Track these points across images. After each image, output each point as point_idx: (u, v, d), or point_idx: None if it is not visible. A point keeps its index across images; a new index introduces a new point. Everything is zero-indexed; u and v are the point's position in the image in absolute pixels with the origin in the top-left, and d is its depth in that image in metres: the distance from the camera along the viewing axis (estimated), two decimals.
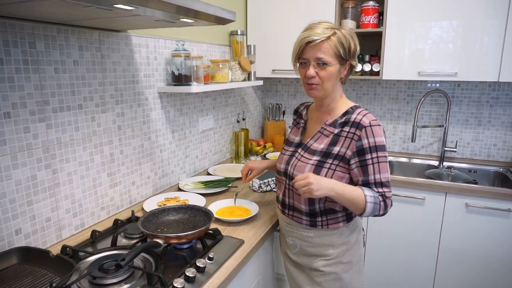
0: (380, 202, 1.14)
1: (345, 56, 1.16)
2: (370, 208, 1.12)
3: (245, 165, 1.54)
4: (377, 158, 1.13)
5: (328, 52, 1.14)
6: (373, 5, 2.17)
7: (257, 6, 2.38)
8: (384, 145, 1.14)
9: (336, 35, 1.14)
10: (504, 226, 1.86)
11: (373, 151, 1.13)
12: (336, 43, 1.13)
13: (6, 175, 1.07)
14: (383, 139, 1.14)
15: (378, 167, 1.13)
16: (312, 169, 1.18)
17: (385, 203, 1.15)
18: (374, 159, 1.13)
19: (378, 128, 1.14)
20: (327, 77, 1.16)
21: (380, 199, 1.14)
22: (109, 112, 1.41)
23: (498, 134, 2.31)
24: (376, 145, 1.12)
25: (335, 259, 1.25)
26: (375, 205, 1.13)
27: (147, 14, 0.99)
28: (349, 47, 1.16)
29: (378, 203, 1.13)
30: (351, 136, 1.15)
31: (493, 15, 1.89)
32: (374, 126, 1.13)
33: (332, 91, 1.21)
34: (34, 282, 0.97)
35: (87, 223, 1.37)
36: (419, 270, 2.10)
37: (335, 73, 1.17)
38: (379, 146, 1.13)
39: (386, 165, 1.14)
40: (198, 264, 1.09)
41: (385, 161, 1.14)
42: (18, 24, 1.06)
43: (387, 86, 2.52)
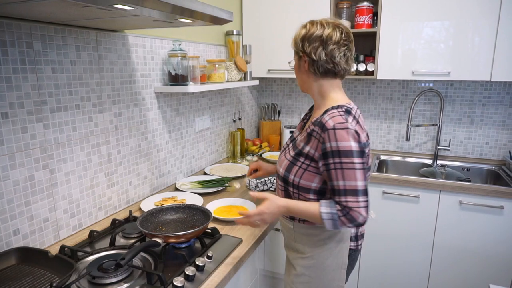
0: (340, 217, 1.04)
1: (298, 48, 1.15)
2: (329, 225, 1.06)
3: (255, 162, 1.51)
4: (340, 163, 1.04)
5: (293, 49, 1.19)
6: (367, 5, 2.19)
7: (253, 6, 2.39)
8: (351, 151, 1.03)
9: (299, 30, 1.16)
10: (497, 222, 1.90)
11: (336, 156, 1.04)
12: (294, 39, 1.16)
13: (4, 175, 1.07)
14: (351, 144, 1.03)
15: (341, 173, 1.04)
16: (287, 165, 1.17)
17: (347, 217, 1.03)
18: (336, 165, 1.04)
19: (344, 132, 1.03)
20: (295, 72, 1.22)
21: (339, 214, 1.04)
22: (106, 112, 1.41)
23: (490, 133, 2.34)
24: (339, 150, 1.03)
25: (310, 260, 1.20)
26: (333, 222, 1.05)
27: (145, 14, 0.99)
28: (295, 38, 1.15)
29: (336, 219, 1.04)
30: (318, 137, 1.09)
31: (485, 15, 1.93)
32: (339, 130, 1.04)
33: (307, 86, 1.20)
34: (34, 282, 0.97)
35: (85, 223, 1.37)
36: (414, 266, 2.12)
37: (296, 66, 1.20)
38: (342, 152, 1.03)
39: (352, 172, 1.03)
40: (197, 262, 1.10)
41: (351, 167, 1.03)
42: (15, 24, 1.06)
43: (381, 85, 2.55)
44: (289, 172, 1.16)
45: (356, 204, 1.03)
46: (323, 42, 1.10)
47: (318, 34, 1.11)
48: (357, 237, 1.30)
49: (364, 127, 1.13)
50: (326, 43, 1.10)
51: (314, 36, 1.11)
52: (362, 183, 1.04)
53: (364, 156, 1.06)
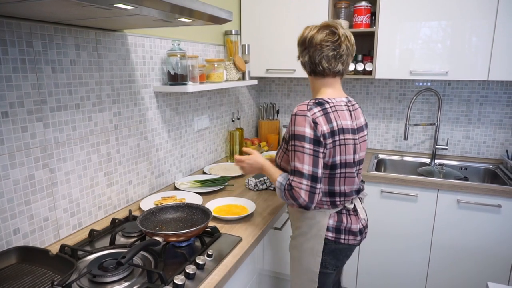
0: (285, 190, 1.19)
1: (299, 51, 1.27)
2: (278, 192, 1.24)
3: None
4: (294, 146, 1.17)
5: None
6: (365, 5, 2.20)
7: (251, 6, 2.39)
8: (304, 136, 1.14)
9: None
10: (495, 221, 1.91)
11: (292, 139, 1.18)
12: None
13: (4, 174, 1.07)
14: (305, 130, 1.14)
15: (293, 155, 1.17)
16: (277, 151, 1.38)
17: (291, 193, 1.17)
18: (292, 147, 1.18)
19: (302, 119, 1.15)
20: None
21: (285, 187, 1.19)
22: (106, 112, 1.41)
23: (487, 132, 2.36)
24: (294, 134, 1.16)
25: (293, 240, 1.37)
26: (280, 191, 1.23)
27: (145, 13, 0.99)
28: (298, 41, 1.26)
29: (282, 190, 1.21)
30: (289, 123, 1.23)
31: (482, 15, 1.94)
32: (297, 116, 1.16)
33: (312, 85, 1.32)
34: (35, 281, 0.97)
35: (85, 223, 1.37)
36: (412, 265, 2.14)
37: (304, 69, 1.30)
38: (296, 135, 1.16)
39: (301, 155, 1.14)
40: (197, 261, 1.10)
41: (301, 151, 1.15)
42: (15, 23, 1.06)
43: (379, 85, 2.56)
44: (277, 154, 1.37)
45: (299, 185, 1.16)
46: (306, 45, 1.22)
47: (303, 38, 1.23)
48: (338, 230, 1.30)
49: (338, 119, 1.20)
50: (309, 45, 1.21)
51: (301, 40, 1.24)
52: (308, 168, 1.15)
53: (320, 145, 1.15)
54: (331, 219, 1.29)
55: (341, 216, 1.30)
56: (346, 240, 1.31)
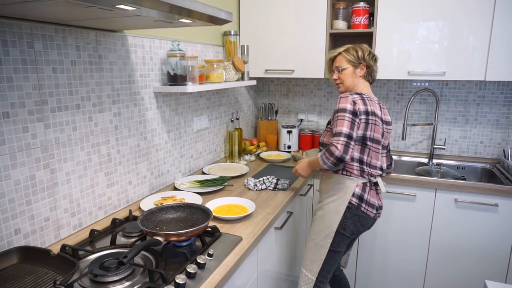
0: (324, 153, 1.50)
1: (356, 60, 1.65)
2: (321, 160, 1.52)
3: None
4: (337, 116, 1.52)
5: (342, 61, 1.68)
6: (364, 6, 2.21)
7: (250, 7, 2.40)
8: (345, 108, 1.51)
9: (346, 50, 1.67)
10: (492, 220, 1.93)
11: (336, 113, 1.54)
12: (346, 54, 1.67)
13: (5, 175, 1.07)
14: (346, 105, 1.51)
15: (336, 123, 1.52)
16: (322, 134, 1.73)
17: (329, 150, 1.48)
18: (335, 118, 1.54)
19: (345, 99, 1.54)
20: (345, 77, 1.68)
21: (323, 152, 1.51)
22: (106, 112, 1.42)
23: (484, 132, 2.38)
24: (338, 108, 1.53)
25: (321, 203, 1.67)
26: (322, 157, 1.51)
27: (146, 14, 1.00)
28: (357, 54, 1.65)
29: (322, 154, 1.51)
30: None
31: (479, 16, 1.96)
32: (342, 98, 1.55)
33: (354, 86, 1.68)
34: (36, 281, 0.97)
35: (85, 223, 1.37)
36: (411, 263, 2.15)
37: (351, 73, 1.67)
38: (340, 109, 1.53)
39: (342, 121, 1.49)
40: (198, 260, 1.11)
41: (341, 118, 1.50)
42: (16, 24, 1.06)
43: (377, 85, 2.57)
44: (322, 136, 1.71)
45: (337, 141, 1.47)
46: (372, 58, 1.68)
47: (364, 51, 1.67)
48: (362, 198, 1.59)
49: (371, 105, 1.56)
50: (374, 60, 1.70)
51: (362, 53, 1.66)
52: (346, 129, 1.48)
53: (356, 116, 1.51)
54: (357, 188, 1.58)
55: (365, 188, 1.59)
56: (365, 209, 1.60)
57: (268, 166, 2.28)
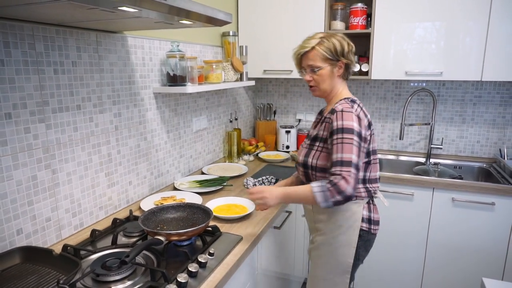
0: (329, 188, 1.17)
1: (335, 57, 1.31)
2: (320, 197, 1.19)
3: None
4: (342, 138, 1.21)
5: (316, 58, 1.32)
6: (361, 7, 2.23)
7: (248, 8, 2.41)
8: (352, 129, 1.21)
9: (321, 43, 1.30)
10: (489, 218, 1.95)
11: (339, 132, 1.22)
12: (321, 49, 1.30)
13: (8, 175, 1.08)
14: (353, 124, 1.22)
15: (341, 147, 1.21)
16: (305, 152, 1.38)
17: (336, 187, 1.16)
18: (339, 140, 1.22)
19: (349, 114, 1.24)
20: (321, 79, 1.34)
21: (328, 186, 1.18)
22: (107, 113, 1.43)
23: (481, 132, 2.40)
24: (343, 127, 1.22)
25: (324, 236, 1.36)
26: (324, 193, 1.18)
27: (147, 16, 1.01)
28: (335, 49, 1.30)
29: (326, 190, 1.18)
30: (329, 120, 1.29)
31: (475, 16, 1.98)
32: (345, 112, 1.24)
33: (332, 88, 1.37)
34: (39, 280, 0.98)
35: (86, 223, 1.38)
36: (409, 261, 2.17)
37: (328, 73, 1.33)
38: (345, 129, 1.22)
39: (350, 146, 1.20)
40: (199, 259, 1.12)
41: (350, 142, 1.20)
42: (18, 25, 1.07)
43: (375, 85, 2.59)
44: (308, 156, 1.36)
45: (348, 174, 1.17)
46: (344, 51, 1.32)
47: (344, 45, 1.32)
48: (370, 220, 1.36)
49: (367, 114, 1.33)
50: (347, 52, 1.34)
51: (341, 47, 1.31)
52: (356, 158, 1.20)
53: (362, 139, 1.24)
54: (364, 210, 1.35)
55: (370, 207, 1.37)
56: (375, 230, 1.39)
57: (267, 166, 2.30)
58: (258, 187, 1.32)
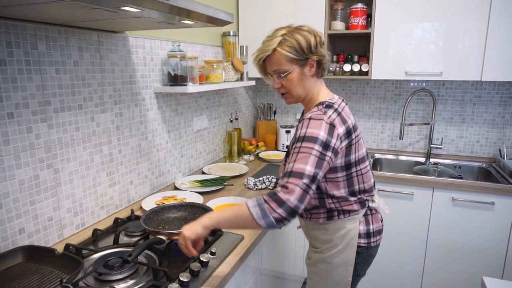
0: (267, 200, 0.99)
1: (302, 56, 1.14)
2: (256, 213, 0.99)
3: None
4: (300, 148, 1.06)
5: (280, 61, 1.14)
6: (361, 7, 2.24)
7: (249, 8, 2.42)
8: (316, 137, 1.05)
9: (282, 42, 1.13)
10: (488, 218, 1.95)
11: (299, 141, 1.07)
12: (283, 50, 1.13)
13: (10, 174, 1.08)
14: (319, 132, 1.06)
15: (295, 157, 1.05)
16: (282, 167, 1.26)
17: (276, 197, 0.99)
18: (296, 149, 1.07)
19: (317, 122, 1.08)
20: (292, 84, 1.18)
21: (265, 198, 1.00)
22: (108, 112, 1.43)
23: (480, 131, 2.41)
24: (305, 135, 1.07)
25: (320, 254, 1.27)
26: (260, 207, 0.99)
27: (149, 16, 1.01)
28: (300, 46, 1.12)
29: (262, 203, 0.99)
30: (298, 128, 1.14)
31: (475, 17, 1.98)
32: (312, 120, 1.08)
33: (307, 91, 1.21)
34: (42, 279, 0.98)
35: (88, 222, 1.38)
36: (409, 261, 2.17)
37: (298, 76, 1.16)
38: (307, 137, 1.06)
39: (306, 156, 1.03)
40: (201, 258, 1.12)
41: (308, 152, 1.04)
42: (20, 25, 1.07)
43: (375, 85, 2.60)
44: (280, 172, 1.25)
45: (293, 184, 1.00)
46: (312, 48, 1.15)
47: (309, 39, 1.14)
48: (369, 234, 1.26)
49: (348, 117, 1.17)
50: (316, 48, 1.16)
51: (308, 42, 1.14)
52: (310, 169, 1.02)
53: (329, 149, 1.07)
54: (361, 225, 1.23)
55: (367, 218, 1.26)
56: (375, 242, 1.28)
57: (267, 165, 2.30)
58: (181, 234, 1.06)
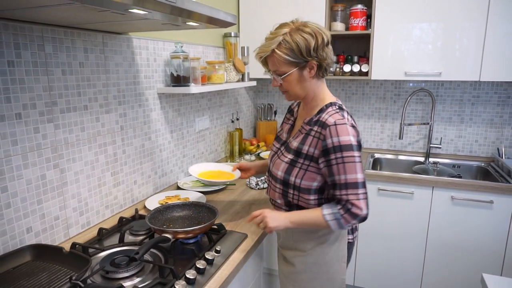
0: (343, 215, 1.08)
1: (301, 59, 1.12)
2: (334, 225, 1.10)
3: (239, 164, 1.55)
4: (342, 158, 1.08)
5: (279, 63, 1.13)
6: (361, 8, 2.26)
7: (249, 9, 2.44)
8: (351, 145, 1.08)
9: (281, 44, 1.11)
10: (487, 216, 1.98)
11: (337, 151, 1.08)
12: (281, 53, 1.11)
13: (18, 174, 1.09)
14: (350, 138, 1.08)
15: (343, 168, 1.08)
16: (286, 168, 1.21)
17: (350, 213, 1.08)
18: (338, 159, 1.09)
19: (344, 127, 1.09)
20: (290, 85, 1.17)
21: (341, 213, 1.09)
22: (112, 113, 1.44)
23: (479, 131, 2.44)
24: (340, 145, 1.08)
25: (311, 257, 1.24)
26: (338, 221, 1.09)
27: (156, 17, 1.03)
28: (299, 49, 1.10)
29: (339, 218, 1.09)
30: (318, 135, 1.14)
31: (473, 17, 2.01)
32: (339, 125, 1.09)
33: (307, 92, 1.19)
34: (50, 277, 1.00)
35: (93, 222, 1.40)
36: (409, 259, 2.20)
37: (296, 78, 1.15)
38: (343, 146, 1.08)
39: (353, 165, 1.08)
40: (207, 256, 1.14)
41: (352, 161, 1.08)
42: (28, 27, 1.09)
43: (374, 86, 2.62)
44: (289, 174, 1.20)
45: (356, 197, 1.08)
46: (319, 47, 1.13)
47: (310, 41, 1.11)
48: (353, 230, 1.31)
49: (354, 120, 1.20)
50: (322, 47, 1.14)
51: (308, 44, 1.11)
52: (361, 176, 1.09)
53: (360, 151, 1.12)
54: None
55: None
56: (355, 238, 1.31)
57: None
58: (259, 211, 1.21)
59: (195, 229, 1.21)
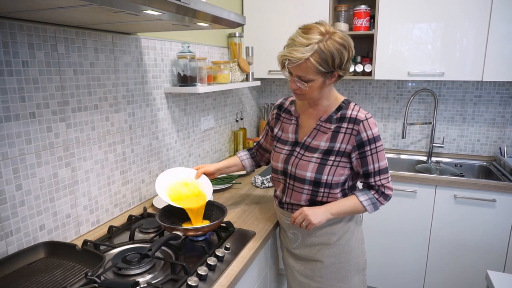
0: (378, 198, 1.26)
1: (329, 69, 1.13)
2: (371, 209, 1.26)
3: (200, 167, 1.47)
4: (375, 148, 1.21)
5: (308, 71, 1.12)
6: (365, 8, 2.28)
7: (253, 9, 2.46)
8: (379, 135, 1.23)
9: (317, 53, 1.09)
10: (490, 214, 2.00)
11: (372, 143, 1.20)
12: (315, 63, 1.09)
13: (32, 173, 1.11)
14: (377, 129, 1.22)
15: (376, 157, 1.22)
16: (316, 167, 1.22)
17: (383, 196, 1.26)
18: (372, 150, 1.21)
19: (372, 121, 1.21)
20: (311, 91, 1.18)
21: (376, 197, 1.26)
22: (121, 112, 1.46)
23: (481, 131, 2.46)
24: (374, 137, 1.20)
25: (337, 247, 1.30)
26: (374, 205, 1.26)
27: (168, 18, 1.05)
28: (333, 61, 1.11)
29: (375, 202, 1.26)
30: (350, 131, 1.20)
31: (476, 18, 2.03)
32: (370, 119, 1.21)
33: (322, 95, 1.23)
34: (65, 273, 1.01)
35: (102, 220, 1.42)
36: (412, 257, 2.22)
37: (319, 85, 1.16)
38: (376, 137, 1.21)
39: (382, 153, 1.23)
40: (217, 253, 1.16)
41: (381, 149, 1.23)
42: (42, 27, 1.10)
43: (377, 86, 2.64)
44: (321, 173, 1.22)
45: (387, 180, 1.26)
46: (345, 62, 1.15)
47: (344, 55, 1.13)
48: None
49: None
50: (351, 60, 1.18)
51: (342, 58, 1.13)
52: (387, 162, 1.26)
53: None
54: None
55: None
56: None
57: None
58: (297, 211, 1.26)
59: (204, 226, 1.23)
